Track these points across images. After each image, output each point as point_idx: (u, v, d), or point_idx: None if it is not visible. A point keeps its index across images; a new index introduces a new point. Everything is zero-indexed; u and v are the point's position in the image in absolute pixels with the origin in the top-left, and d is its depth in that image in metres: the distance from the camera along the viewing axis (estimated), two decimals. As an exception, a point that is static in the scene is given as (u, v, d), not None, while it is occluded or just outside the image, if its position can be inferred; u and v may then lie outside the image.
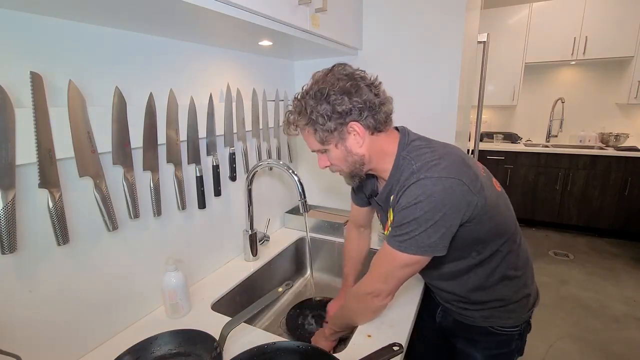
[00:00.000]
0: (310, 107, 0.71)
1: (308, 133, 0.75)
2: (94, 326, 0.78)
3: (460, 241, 0.73)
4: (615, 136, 3.34)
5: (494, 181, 0.80)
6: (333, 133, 0.72)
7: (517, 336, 0.86)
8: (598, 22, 3.09)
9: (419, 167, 0.69)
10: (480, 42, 1.64)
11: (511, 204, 0.84)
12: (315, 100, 0.70)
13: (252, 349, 0.71)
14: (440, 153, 0.70)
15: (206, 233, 1.09)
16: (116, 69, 0.76)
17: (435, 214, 0.65)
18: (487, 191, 0.72)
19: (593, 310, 2.24)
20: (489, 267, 0.79)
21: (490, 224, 0.73)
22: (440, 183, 0.65)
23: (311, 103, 0.71)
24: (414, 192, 0.66)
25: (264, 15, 0.79)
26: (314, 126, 0.72)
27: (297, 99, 0.75)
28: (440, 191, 0.65)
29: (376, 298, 0.77)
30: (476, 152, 1.87)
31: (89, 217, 0.73)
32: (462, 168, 0.68)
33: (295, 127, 0.77)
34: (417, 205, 0.65)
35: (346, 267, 1.08)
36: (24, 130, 0.59)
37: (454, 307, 0.89)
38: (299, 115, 0.74)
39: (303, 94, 0.74)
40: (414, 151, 0.73)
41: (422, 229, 0.66)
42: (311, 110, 0.71)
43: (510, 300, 0.82)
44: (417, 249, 0.68)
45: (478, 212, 0.69)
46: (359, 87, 0.70)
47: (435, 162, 0.68)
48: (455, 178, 0.66)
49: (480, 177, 0.72)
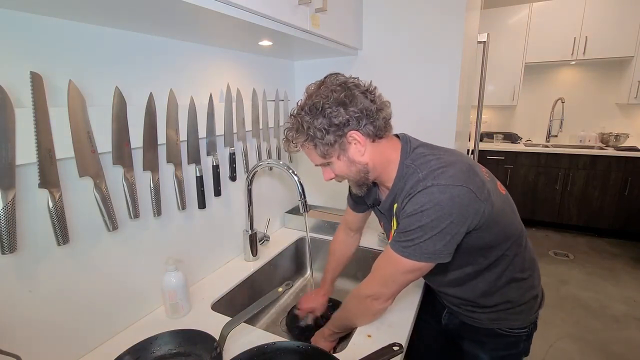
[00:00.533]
0: (307, 122, 0.69)
1: (309, 149, 0.74)
2: (94, 326, 0.78)
3: (467, 248, 0.72)
4: (615, 136, 3.34)
5: (498, 184, 0.78)
6: (334, 146, 0.70)
7: (525, 337, 0.85)
8: (598, 22, 3.09)
9: (425, 175, 0.67)
10: (480, 42, 1.64)
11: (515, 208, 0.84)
12: (311, 115, 0.69)
13: (252, 349, 0.71)
14: (446, 160, 0.69)
15: (206, 233, 1.09)
16: (116, 69, 0.76)
17: (442, 222, 0.64)
18: (494, 197, 0.70)
19: (593, 310, 2.24)
20: (496, 272, 0.78)
21: (496, 230, 0.72)
22: (447, 191, 0.64)
23: (307, 119, 0.69)
24: (421, 200, 0.65)
25: (264, 15, 0.79)
26: (313, 141, 0.71)
27: (293, 116, 0.73)
28: (447, 199, 0.64)
29: (376, 301, 0.77)
30: (476, 152, 1.87)
31: (89, 217, 0.73)
32: (469, 176, 0.67)
33: (295, 144, 0.75)
34: (424, 212, 0.64)
35: (327, 266, 1.10)
36: (24, 130, 0.59)
37: (461, 310, 0.89)
38: (296, 132, 0.73)
39: (298, 109, 0.72)
40: (419, 159, 0.71)
41: (427, 237, 0.65)
42: (308, 126, 0.69)
43: (518, 302, 0.82)
44: (421, 256, 0.67)
45: (485, 219, 0.68)
46: (354, 96, 0.69)
47: (442, 170, 0.67)
48: (463, 186, 0.64)
49: (487, 183, 0.71)
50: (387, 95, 0.99)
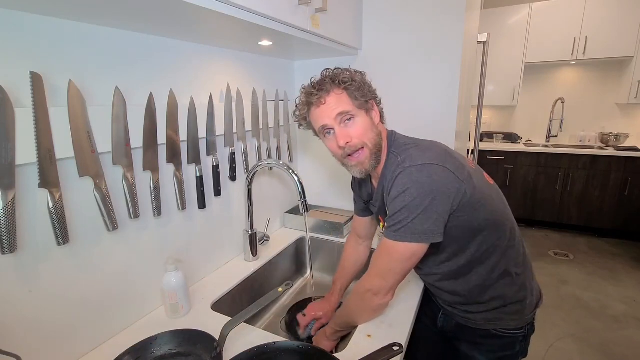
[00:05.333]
0: (359, 76, 0.81)
1: (346, 96, 0.79)
2: (94, 326, 0.78)
3: (458, 232, 0.75)
4: (615, 136, 3.34)
5: (485, 175, 0.83)
6: (368, 102, 0.80)
7: (521, 338, 0.86)
8: (598, 22, 3.09)
9: (404, 158, 0.74)
10: (480, 42, 1.64)
11: (507, 201, 0.85)
12: (360, 75, 0.82)
13: (252, 349, 0.71)
14: (423, 146, 0.77)
15: (206, 233, 1.09)
16: (116, 69, 0.76)
17: (424, 200, 0.68)
18: (477, 181, 0.75)
19: (593, 310, 2.24)
20: (489, 264, 0.79)
21: (485, 213, 0.75)
22: (424, 169, 0.70)
23: (358, 74, 0.82)
24: (402, 181, 0.71)
25: (264, 15, 0.79)
26: (359, 90, 0.79)
27: (344, 70, 0.82)
28: (425, 177, 0.69)
29: (375, 296, 0.78)
30: (476, 152, 1.87)
31: (89, 217, 0.73)
32: (446, 157, 0.73)
33: (345, 85, 0.79)
34: (406, 192, 0.69)
35: (336, 274, 1.09)
36: (24, 130, 0.59)
37: (456, 310, 0.89)
38: (349, 80, 0.79)
39: (350, 69, 0.83)
40: (400, 147, 0.79)
41: (413, 216, 0.69)
42: (359, 79, 0.80)
43: (511, 299, 0.82)
44: (412, 236, 0.70)
45: (468, 200, 0.71)
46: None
47: (419, 154, 0.74)
48: (439, 165, 0.70)
49: (468, 167, 0.75)
50: (387, 95, 1.02)
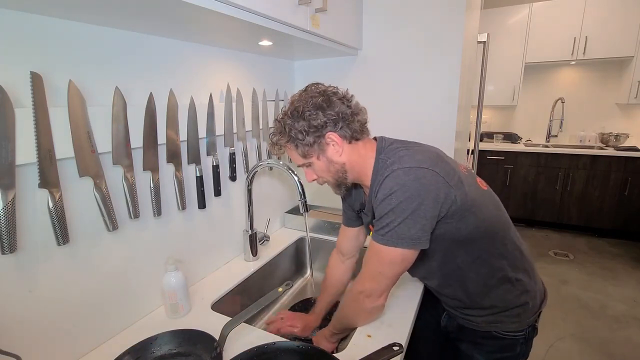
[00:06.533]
0: (289, 125, 0.75)
1: (290, 150, 0.79)
2: (94, 326, 0.78)
3: (446, 238, 0.73)
4: (615, 136, 3.34)
5: (478, 180, 0.81)
6: (313, 146, 0.76)
7: (522, 340, 0.85)
8: (598, 22, 3.09)
9: (392, 161, 0.72)
10: (480, 42, 1.64)
11: (503, 205, 0.84)
12: (293, 118, 0.75)
13: (252, 349, 0.71)
14: (415, 150, 0.75)
15: (206, 233, 1.08)
16: (116, 69, 0.76)
17: (411, 203, 0.66)
18: (468, 187, 0.72)
19: (593, 310, 2.24)
20: (483, 271, 0.78)
21: (475, 222, 0.73)
22: (412, 172, 0.67)
23: (289, 122, 0.75)
24: (388, 184, 0.69)
25: (264, 16, 0.79)
26: (294, 142, 0.76)
27: (277, 120, 0.80)
28: (412, 180, 0.67)
29: (368, 299, 0.77)
30: (476, 152, 1.87)
31: (89, 217, 0.73)
32: (436, 161, 0.71)
33: (279, 147, 0.81)
34: (392, 195, 0.67)
35: (320, 294, 1.06)
36: (24, 130, 0.59)
37: (458, 312, 0.89)
38: (280, 135, 0.79)
39: (282, 114, 0.79)
40: (391, 152, 0.76)
41: (399, 220, 0.67)
42: (289, 129, 0.75)
43: (512, 304, 0.81)
44: (398, 241, 0.68)
45: (458, 207, 0.70)
46: (331, 101, 0.75)
47: (408, 156, 0.71)
48: (428, 168, 0.68)
49: (459, 172, 0.73)
50: (387, 95, 1.00)
